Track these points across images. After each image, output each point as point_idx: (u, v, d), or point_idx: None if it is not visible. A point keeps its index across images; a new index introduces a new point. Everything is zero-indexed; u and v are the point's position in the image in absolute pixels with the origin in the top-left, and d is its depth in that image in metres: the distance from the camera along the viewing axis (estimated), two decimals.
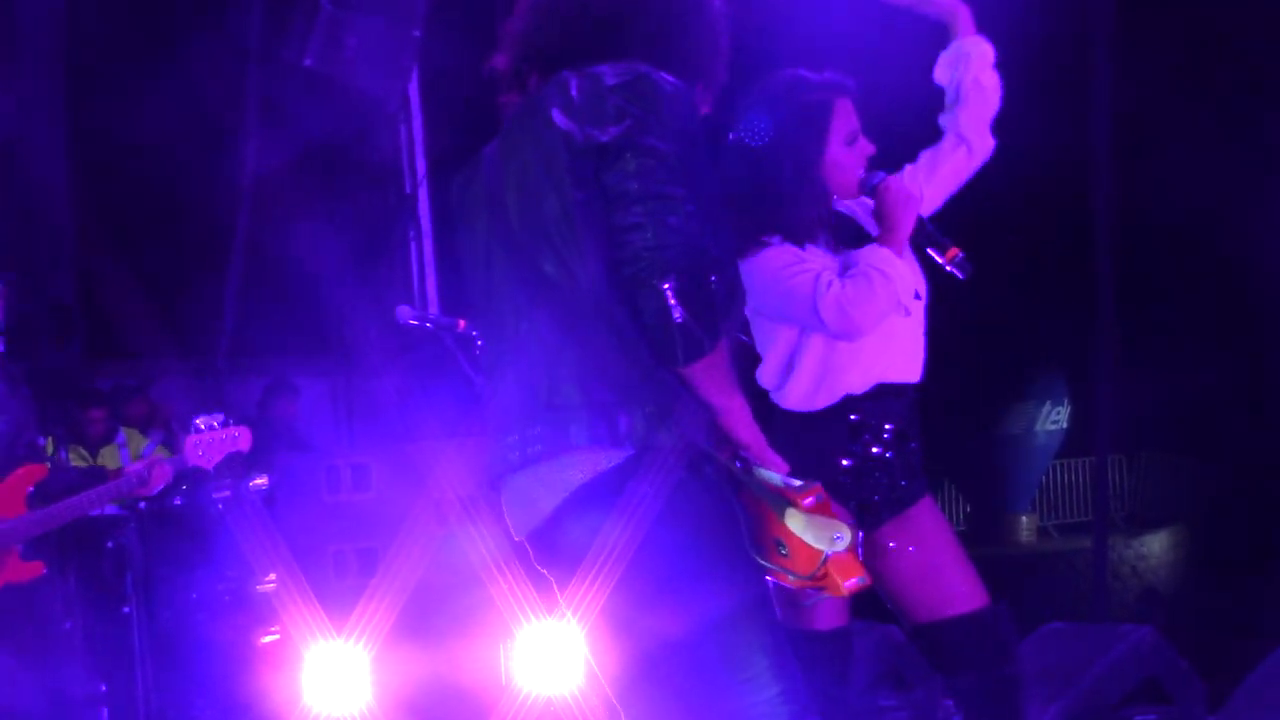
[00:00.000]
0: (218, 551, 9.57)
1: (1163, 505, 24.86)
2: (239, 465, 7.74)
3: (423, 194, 10.65)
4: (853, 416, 4.95)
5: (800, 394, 4.95)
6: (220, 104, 10.23)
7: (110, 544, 9.17)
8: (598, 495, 3.57)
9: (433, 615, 7.22)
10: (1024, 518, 26.35)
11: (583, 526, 3.58)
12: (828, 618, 4.99)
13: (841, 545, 3.53)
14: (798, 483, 3.59)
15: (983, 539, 24.99)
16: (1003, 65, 5.08)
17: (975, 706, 5.10)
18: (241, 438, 7.23)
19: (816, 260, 4.90)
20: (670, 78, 3.62)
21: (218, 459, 7.20)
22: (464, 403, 7.06)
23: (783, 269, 4.85)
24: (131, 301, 10.48)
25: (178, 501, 9.74)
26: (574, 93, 3.61)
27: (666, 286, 3.46)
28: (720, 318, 3.53)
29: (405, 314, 7.09)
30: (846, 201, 5.06)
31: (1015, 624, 5.14)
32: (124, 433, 11.22)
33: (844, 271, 4.86)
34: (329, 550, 9.66)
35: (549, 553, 3.71)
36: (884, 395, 4.98)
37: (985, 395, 22.60)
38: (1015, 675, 5.09)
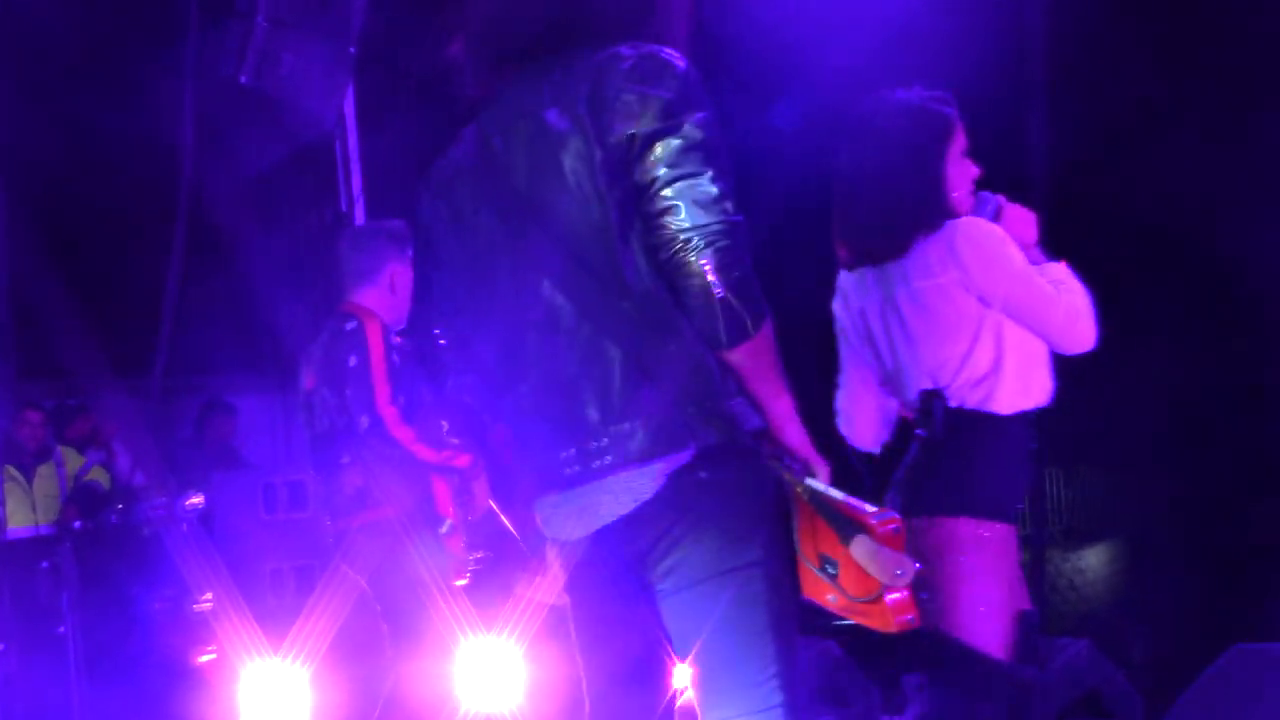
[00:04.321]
0: (154, 571, 9.54)
1: (1101, 519, 24.95)
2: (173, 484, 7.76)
3: (359, 211, 10.62)
4: (1030, 425, 4.95)
5: (1010, 395, 4.88)
6: (157, 119, 10.19)
7: (45, 564, 9.13)
8: (666, 500, 3.57)
9: (371, 633, 7.19)
10: None
11: (651, 532, 3.60)
12: None
13: (903, 581, 3.47)
14: (871, 507, 3.52)
15: None
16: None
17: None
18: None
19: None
20: (676, 53, 3.62)
21: None
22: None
23: (1024, 264, 4.85)
24: (66, 319, 10.42)
25: (113, 520, 9.71)
26: (588, 86, 3.59)
27: (704, 263, 3.44)
28: (763, 298, 3.50)
29: None
30: None
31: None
32: (61, 451, 11.15)
33: None
34: (266, 568, 9.63)
35: (607, 554, 3.71)
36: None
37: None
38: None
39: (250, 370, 12.75)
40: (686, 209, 3.48)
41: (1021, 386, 4.86)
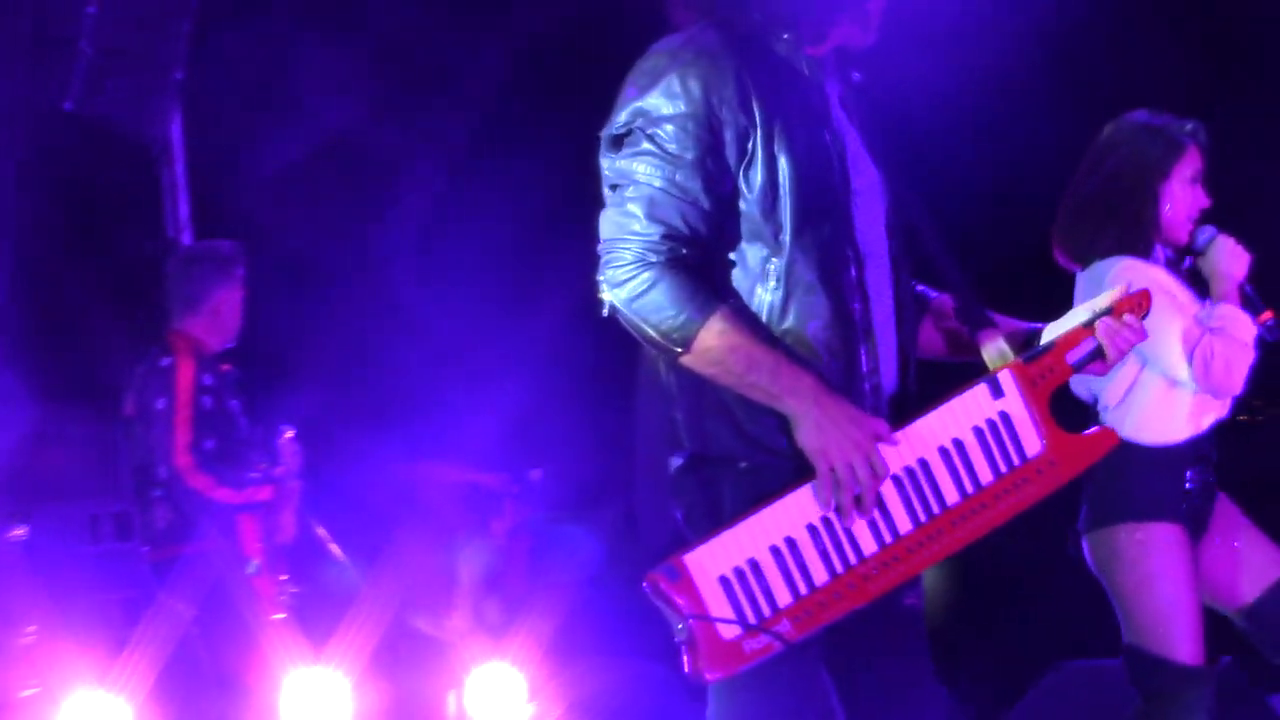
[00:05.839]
0: None
1: None
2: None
3: (186, 238, 10.50)
4: (1198, 452, 5.25)
5: (1137, 428, 5.19)
6: None
7: None
8: (656, 499, 3.61)
9: (201, 664, 7.13)
10: None
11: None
12: None
13: (680, 636, 3.38)
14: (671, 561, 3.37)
15: None
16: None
17: None
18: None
19: (1185, 297, 5.18)
20: (692, 48, 3.52)
21: (298, 467, 7.24)
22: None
23: (1168, 314, 5.04)
24: None
25: None
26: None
27: (604, 282, 3.45)
28: (687, 309, 3.39)
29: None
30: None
31: None
32: None
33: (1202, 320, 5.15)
34: (91, 601, 9.49)
35: None
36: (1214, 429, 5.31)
37: None
38: None
39: (73, 399, 12.57)
40: (602, 221, 3.50)
41: (1166, 422, 5.20)
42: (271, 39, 10.11)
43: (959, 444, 3.55)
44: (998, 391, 3.60)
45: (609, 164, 3.55)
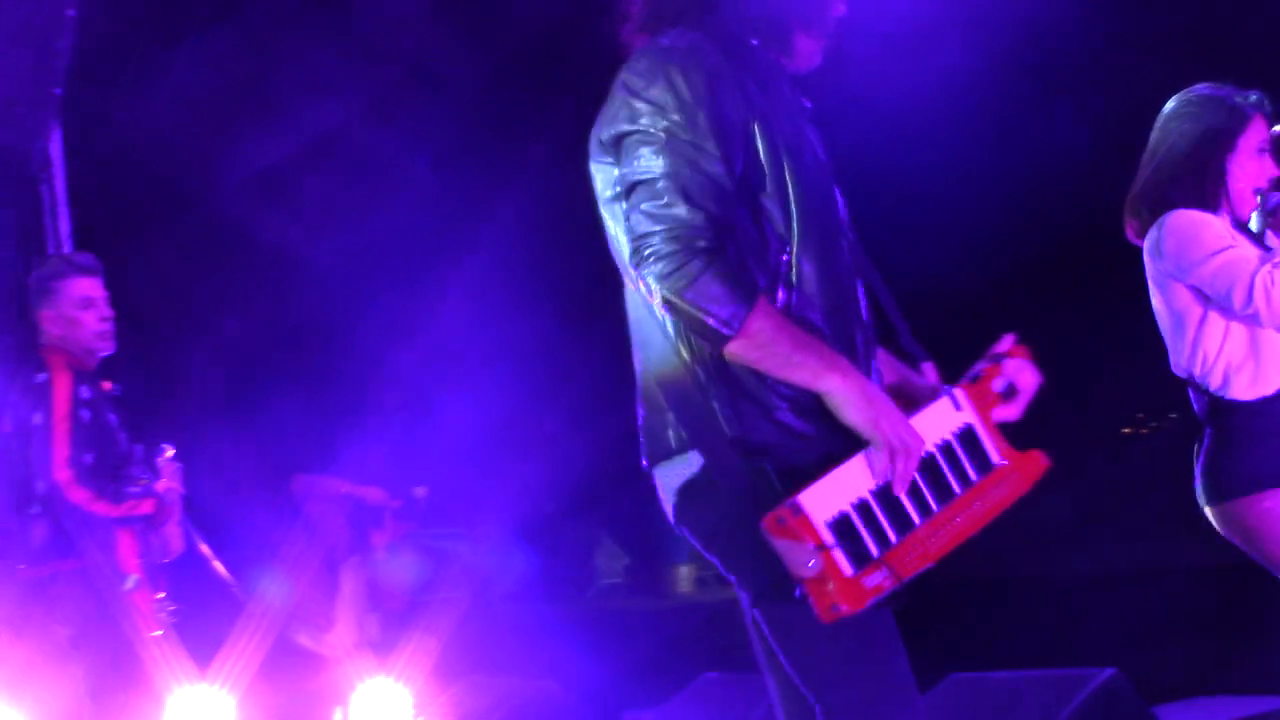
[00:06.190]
0: None
1: None
2: None
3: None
4: None
5: (1247, 381, 5.10)
6: None
7: None
8: (684, 503, 3.68)
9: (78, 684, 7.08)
10: (683, 568, 26.56)
11: (687, 529, 3.72)
12: None
13: (812, 572, 3.40)
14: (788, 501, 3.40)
15: (642, 590, 25.15)
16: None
17: None
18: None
19: (1244, 242, 5.14)
20: (683, 42, 3.58)
21: (180, 483, 7.20)
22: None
23: (1217, 244, 5.05)
24: None
25: None
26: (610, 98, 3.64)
27: (650, 275, 3.45)
28: (735, 293, 3.43)
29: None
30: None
31: None
32: None
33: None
34: None
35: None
36: None
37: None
38: None
39: None
40: (635, 217, 3.49)
41: (1258, 372, 5.10)
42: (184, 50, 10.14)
43: (946, 442, 3.70)
44: (957, 405, 3.77)
45: (619, 168, 3.58)
